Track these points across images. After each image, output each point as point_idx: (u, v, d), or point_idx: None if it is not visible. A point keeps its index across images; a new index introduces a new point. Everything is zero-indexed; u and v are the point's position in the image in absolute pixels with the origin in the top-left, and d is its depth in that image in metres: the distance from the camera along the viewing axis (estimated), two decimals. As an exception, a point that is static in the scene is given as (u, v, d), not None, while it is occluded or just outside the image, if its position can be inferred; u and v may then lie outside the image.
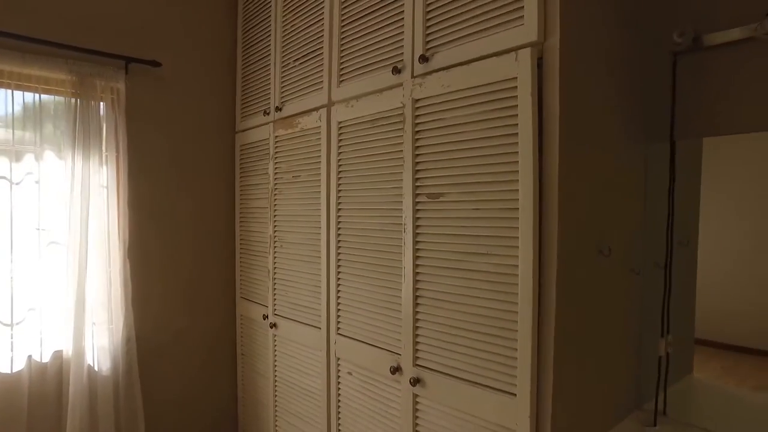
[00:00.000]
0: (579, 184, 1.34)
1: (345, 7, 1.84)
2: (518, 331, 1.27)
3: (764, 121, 1.42)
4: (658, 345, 1.64)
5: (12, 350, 2.03)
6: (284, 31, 2.20)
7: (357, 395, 1.80)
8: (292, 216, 2.14)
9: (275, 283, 2.24)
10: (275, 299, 2.25)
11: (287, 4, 2.18)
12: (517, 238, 1.27)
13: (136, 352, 2.27)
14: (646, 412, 1.68)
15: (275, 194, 2.24)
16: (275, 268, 2.24)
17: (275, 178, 2.23)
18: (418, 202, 1.53)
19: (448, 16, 1.45)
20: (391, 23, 1.65)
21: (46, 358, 2.11)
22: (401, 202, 1.60)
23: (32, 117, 2.07)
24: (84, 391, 2.12)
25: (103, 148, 2.21)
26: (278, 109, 2.20)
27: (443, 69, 1.45)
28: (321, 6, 1.96)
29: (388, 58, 1.66)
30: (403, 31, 1.60)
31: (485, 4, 1.35)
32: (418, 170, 1.53)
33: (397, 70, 1.59)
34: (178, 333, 2.49)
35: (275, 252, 2.24)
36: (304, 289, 2.07)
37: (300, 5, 2.09)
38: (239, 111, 2.60)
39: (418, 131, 1.53)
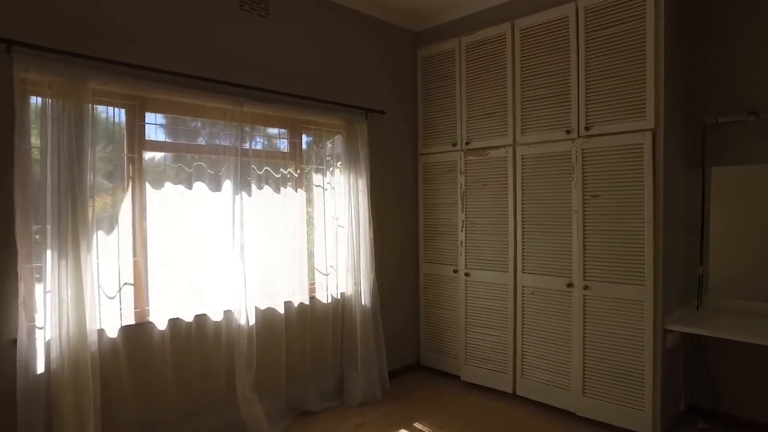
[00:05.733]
0: (669, 187, 2.87)
1: (524, 91, 3.35)
2: (644, 258, 2.81)
3: (739, 160, 3.01)
4: (698, 269, 3.20)
5: (327, 290, 3.49)
6: (468, 100, 3.69)
7: (537, 305, 3.33)
8: (481, 208, 3.64)
9: (466, 249, 3.74)
10: (466, 259, 3.74)
11: (470, 85, 3.67)
12: (643, 214, 2.81)
13: (378, 295, 3.74)
14: (691, 305, 3.23)
15: (466, 195, 3.73)
16: (467, 240, 3.74)
17: (466, 185, 3.73)
18: (585, 199, 3.05)
19: (601, 108, 2.97)
20: (561, 105, 3.16)
21: (338, 296, 3.58)
22: (571, 199, 3.12)
23: (324, 148, 3.52)
24: (359, 315, 3.58)
25: (361, 166, 3.65)
26: (467, 143, 3.70)
27: (600, 135, 2.98)
28: (503, 88, 3.46)
29: (560, 123, 3.17)
30: (570, 110, 3.12)
31: (625, 108, 2.88)
32: (585, 182, 3.05)
33: (568, 132, 3.11)
34: (392, 284, 3.98)
35: (466, 230, 3.74)
36: (492, 250, 3.58)
37: (482, 86, 3.59)
38: (421, 141, 4.09)
39: (585, 164, 3.05)
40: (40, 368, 2.26)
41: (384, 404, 3.50)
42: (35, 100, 2.30)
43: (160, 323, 2.70)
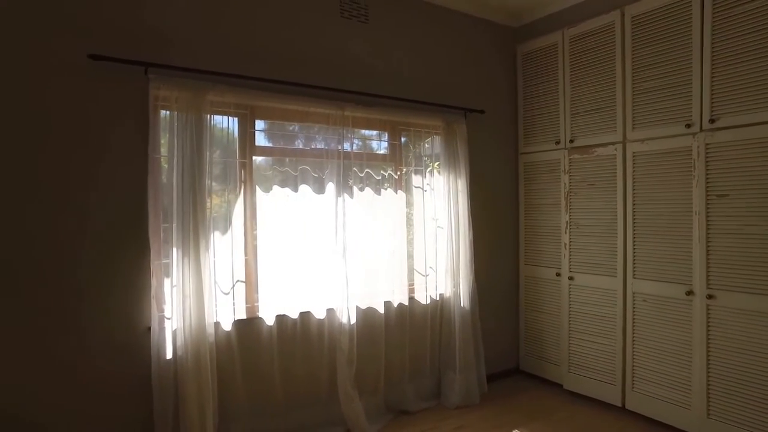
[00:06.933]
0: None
1: (636, 84, 3.11)
2: (785, 265, 2.49)
3: None
4: None
5: (426, 291, 3.50)
6: (572, 95, 3.51)
7: (650, 313, 3.08)
8: (586, 209, 3.45)
9: (570, 252, 3.56)
10: (570, 262, 3.56)
11: (574, 80, 3.49)
12: (783, 216, 2.49)
13: (477, 297, 3.67)
14: None
15: (570, 195, 3.55)
16: (571, 242, 3.56)
17: (570, 185, 3.55)
18: (709, 200, 2.77)
19: (731, 98, 2.67)
20: (679, 97, 2.89)
21: (437, 298, 3.57)
22: (691, 199, 2.84)
23: (421, 148, 3.52)
24: (458, 317, 3.54)
25: (460, 166, 3.60)
26: (571, 141, 3.52)
27: (728, 128, 2.68)
28: (612, 81, 3.24)
29: (678, 116, 2.90)
30: (690, 102, 2.84)
31: (763, 97, 2.56)
32: (708, 181, 2.76)
33: (688, 126, 2.84)
34: (490, 287, 3.89)
35: (570, 232, 3.56)
36: (599, 253, 3.37)
37: (587, 80, 3.39)
38: (522, 140, 3.96)
39: (708, 161, 2.76)
40: (169, 354, 2.51)
41: (482, 408, 3.43)
42: (164, 114, 2.55)
43: (269, 319, 2.86)
